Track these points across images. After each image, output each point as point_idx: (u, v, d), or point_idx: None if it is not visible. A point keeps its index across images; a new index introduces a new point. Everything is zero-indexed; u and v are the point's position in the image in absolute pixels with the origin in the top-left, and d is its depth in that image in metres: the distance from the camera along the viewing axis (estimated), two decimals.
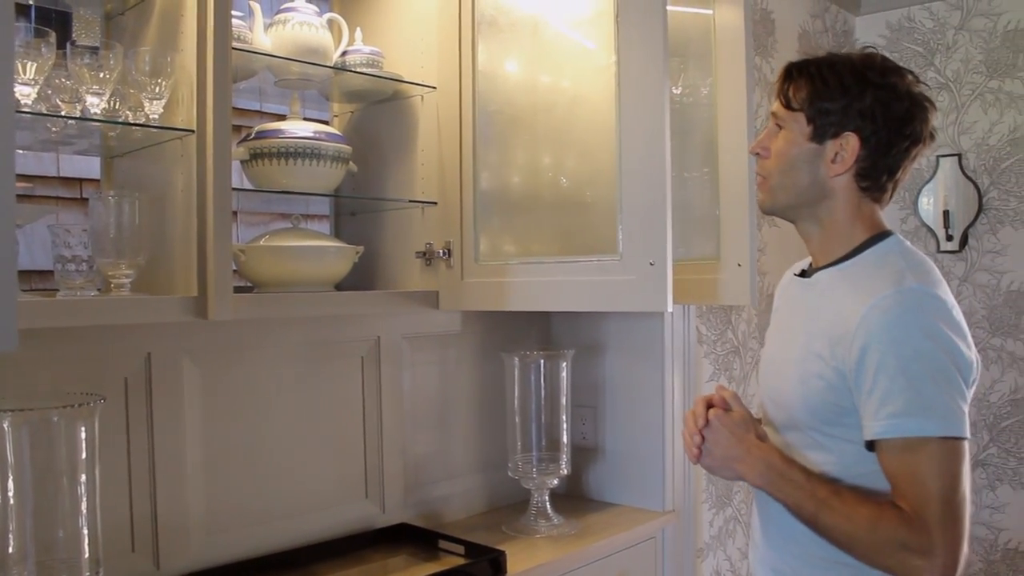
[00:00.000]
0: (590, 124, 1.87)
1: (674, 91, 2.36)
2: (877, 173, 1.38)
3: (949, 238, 3.22)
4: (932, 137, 1.41)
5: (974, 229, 3.18)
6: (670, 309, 1.71)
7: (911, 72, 1.39)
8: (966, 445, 1.23)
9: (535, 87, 2.00)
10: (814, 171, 1.39)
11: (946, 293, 1.30)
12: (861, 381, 1.26)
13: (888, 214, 3.38)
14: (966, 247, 3.20)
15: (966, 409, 1.24)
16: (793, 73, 1.42)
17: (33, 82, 1.43)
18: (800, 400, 1.37)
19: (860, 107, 1.35)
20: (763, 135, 1.47)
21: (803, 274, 1.50)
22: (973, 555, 3.17)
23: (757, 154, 1.47)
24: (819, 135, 1.38)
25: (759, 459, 1.37)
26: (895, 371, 1.22)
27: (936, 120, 1.40)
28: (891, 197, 1.45)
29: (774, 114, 1.45)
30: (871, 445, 1.27)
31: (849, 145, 1.36)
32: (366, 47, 2.01)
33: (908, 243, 1.41)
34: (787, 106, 1.41)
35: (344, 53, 2.00)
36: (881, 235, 1.41)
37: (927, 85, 1.42)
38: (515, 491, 2.37)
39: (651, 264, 1.69)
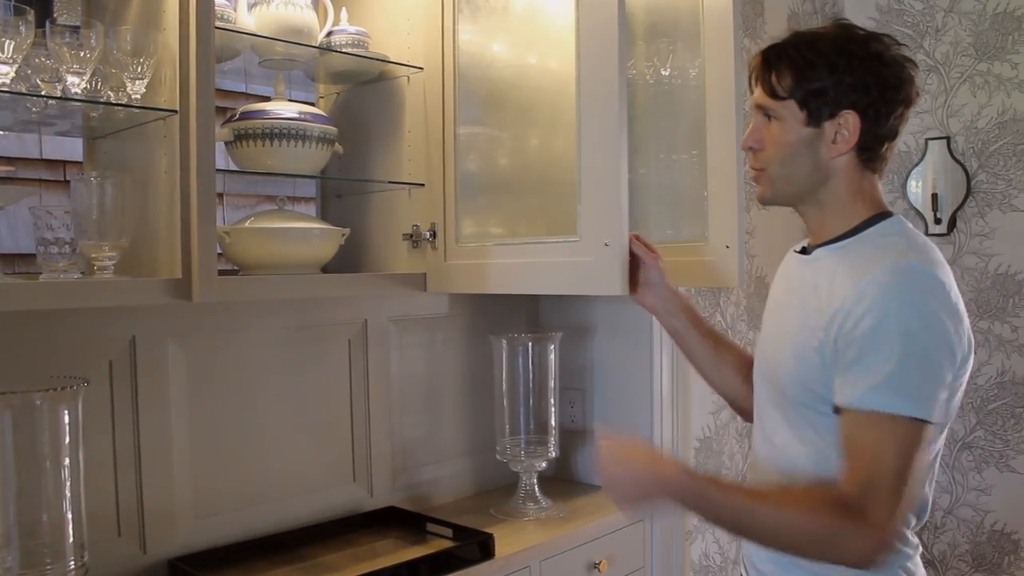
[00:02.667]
0: (556, 102, 1.85)
1: (662, 72, 2.35)
2: (878, 143, 1.35)
3: (937, 221, 3.22)
4: (918, 95, 1.37)
5: (962, 212, 3.18)
6: (620, 292, 1.66)
7: (888, 35, 1.36)
8: (931, 429, 1.23)
9: (512, 65, 1.99)
10: (815, 155, 1.36)
11: (946, 275, 1.28)
12: (847, 350, 1.25)
13: None
14: (954, 230, 3.20)
15: (942, 395, 1.23)
16: (772, 60, 1.37)
17: (11, 61, 1.41)
18: (793, 375, 1.35)
19: (852, 82, 1.31)
20: (752, 128, 1.42)
21: (803, 251, 1.47)
22: (959, 536, 3.19)
23: (751, 148, 1.42)
24: (815, 118, 1.34)
25: (660, 478, 1.28)
26: (882, 344, 1.21)
27: (919, 79, 1.37)
28: (887, 165, 1.42)
29: (760, 106, 1.39)
30: (837, 409, 1.27)
31: (849, 123, 1.32)
32: (352, 27, 1.99)
33: (910, 224, 1.39)
34: (773, 95, 1.36)
35: (329, 33, 1.98)
36: (883, 215, 1.38)
37: (906, 45, 1.38)
38: (503, 474, 2.37)
39: (606, 245, 1.67)
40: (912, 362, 1.20)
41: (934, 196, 3.21)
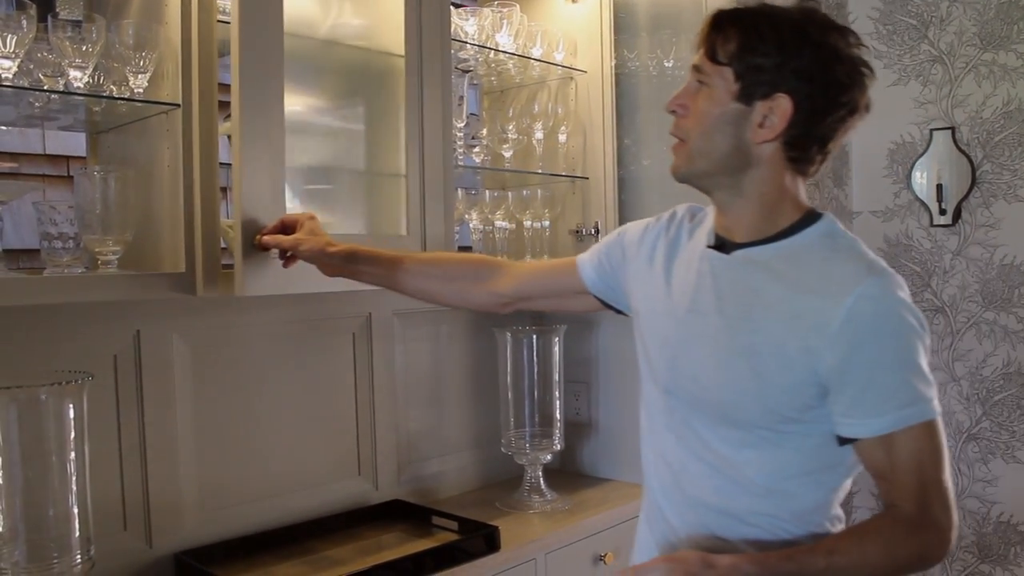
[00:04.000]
0: None
1: (666, 64, 2.35)
2: (808, 143, 1.24)
3: (942, 212, 3.20)
4: (867, 109, 1.26)
5: (967, 203, 3.17)
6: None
7: (853, 33, 1.24)
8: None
9: None
10: (738, 135, 1.23)
11: None
12: (851, 379, 1.16)
13: (880, 188, 3.37)
14: (959, 221, 3.19)
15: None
16: (723, 22, 1.24)
17: (14, 55, 1.41)
18: (753, 397, 1.22)
19: (796, 66, 1.19)
20: (682, 90, 1.28)
21: (719, 247, 1.31)
22: (965, 528, 3.19)
23: (674, 111, 1.28)
24: (747, 94, 1.21)
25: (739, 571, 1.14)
26: (895, 364, 1.15)
27: (873, 90, 1.26)
28: (816, 172, 1.30)
29: (696, 67, 1.26)
30: (846, 439, 1.19)
31: (780, 108, 1.20)
32: (355, 20, 1.98)
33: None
34: (712, 58, 1.23)
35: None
36: (816, 213, 1.28)
37: (868, 48, 1.26)
38: (508, 467, 2.37)
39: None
40: (920, 365, 1.17)
41: (939, 187, 3.20)
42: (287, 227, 1.59)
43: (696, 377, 1.29)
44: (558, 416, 2.25)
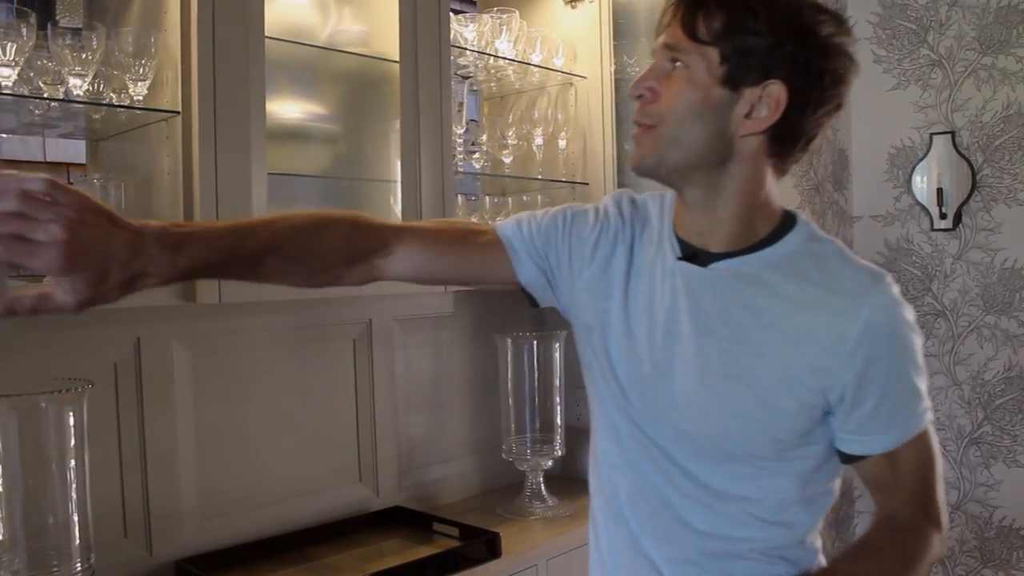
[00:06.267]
0: None
1: None
2: (795, 138, 1.10)
3: (943, 216, 3.21)
4: (842, 107, 1.15)
5: (968, 207, 3.17)
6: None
7: (846, 21, 1.12)
8: None
9: None
10: (721, 125, 1.07)
11: None
12: (867, 395, 1.07)
13: (880, 193, 3.37)
14: (960, 225, 3.19)
15: None
16: None
17: (13, 63, 1.41)
18: (757, 427, 1.10)
19: (793, 50, 1.05)
20: (647, 71, 1.11)
21: (692, 259, 1.16)
22: (968, 532, 3.18)
23: (640, 96, 1.10)
24: (734, 79, 1.05)
25: None
26: (909, 374, 1.09)
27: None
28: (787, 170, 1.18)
29: (669, 46, 1.08)
30: (851, 456, 1.13)
31: (772, 97, 1.05)
32: (355, 27, 1.99)
33: None
34: (692, 36, 1.06)
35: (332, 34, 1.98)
36: (791, 215, 1.17)
37: (855, 40, 1.14)
38: (509, 473, 2.37)
39: None
40: (922, 374, 1.12)
41: (939, 191, 3.20)
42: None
43: (679, 408, 1.14)
44: (559, 422, 2.25)
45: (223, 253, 1.03)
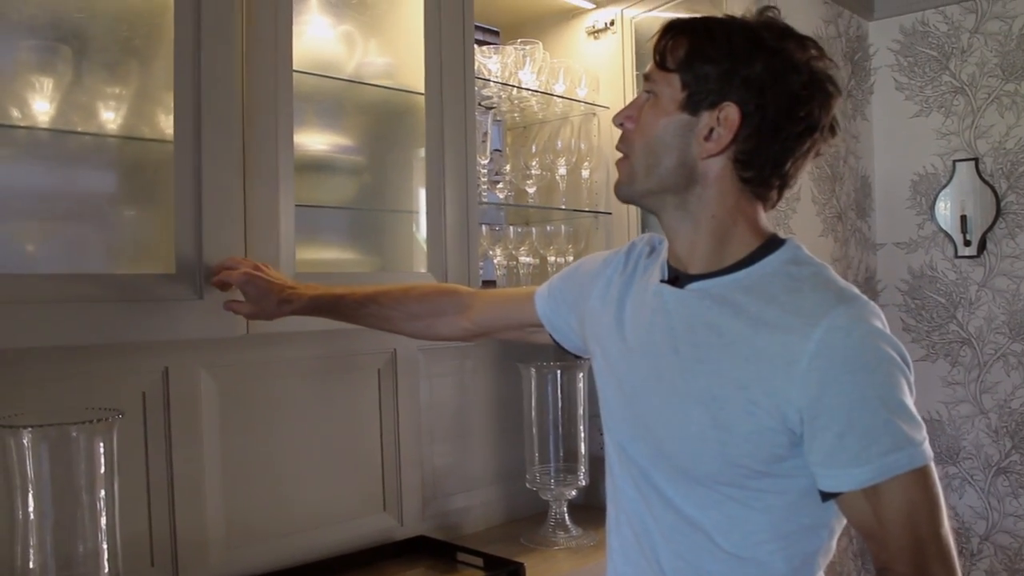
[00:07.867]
0: None
1: None
2: (760, 162, 1.12)
3: (967, 243, 3.20)
4: (833, 130, 1.15)
5: (992, 234, 3.16)
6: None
7: (816, 45, 1.15)
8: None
9: None
10: (683, 148, 1.12)
11: None
12: (826, 422, 1.03)
13: (904, 220, 3.36)
14: (984, 252, 3.17)
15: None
16: (675, 28, 1.15)
17: (50, 99, 1.44)
18: (713, 448, 1.09)
19: (746, 74, 1.09)
20: (631, 103, 1.20)
21: (673, 281, 1.20)
22: (997, 564, 3.13)
23: (621, 125, 1.19)
24: (693, 103, 1.11)
25: None
26: (875, 403, 1.02)
27: (838, 109, 1.17)
28: (779, 199, 1.19)
29: (645, 77, 1.17)
30: (830, 494, 1.07)
31: (727, 119, 1.10)
32: (381, 59, 2.01)
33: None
34: (661, 64, 1.14)
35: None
36: (776, 239, 1.17)
37: (834, 63, 1.17)
38: (533, 502, 2.36)
39: None
40: (905, 405, 1.04)
41: (963, 218, 3.19)
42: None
43: (651, 427, 1.17)
44: (583, 451, 2.24)
45: (331, 300, 1.57)
